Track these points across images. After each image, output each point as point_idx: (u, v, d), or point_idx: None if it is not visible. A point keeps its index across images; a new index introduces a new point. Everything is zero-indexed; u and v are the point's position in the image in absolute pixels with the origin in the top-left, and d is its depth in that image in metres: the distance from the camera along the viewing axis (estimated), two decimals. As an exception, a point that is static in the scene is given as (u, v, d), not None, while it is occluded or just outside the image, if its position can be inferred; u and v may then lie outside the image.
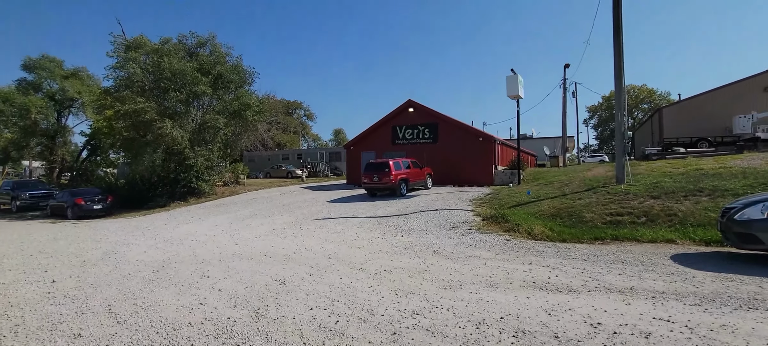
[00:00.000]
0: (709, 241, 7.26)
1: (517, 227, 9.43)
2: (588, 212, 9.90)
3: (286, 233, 10.75)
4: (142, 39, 21.92)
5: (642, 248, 7.28)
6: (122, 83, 20.80)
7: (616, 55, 12.45)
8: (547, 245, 7.98)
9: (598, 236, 8.28)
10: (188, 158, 20.87)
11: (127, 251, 9.46)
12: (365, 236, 9.66)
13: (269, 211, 15.11)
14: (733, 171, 11.18)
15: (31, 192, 22.87)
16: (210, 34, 23.52)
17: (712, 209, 8.52)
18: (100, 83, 30.29)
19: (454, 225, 10.38)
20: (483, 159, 20.85)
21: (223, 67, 22.91)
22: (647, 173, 13.15)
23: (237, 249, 8.92)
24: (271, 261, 7.53)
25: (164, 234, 11.78)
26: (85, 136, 34.35)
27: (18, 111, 29.42)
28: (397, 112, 23.81)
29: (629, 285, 5.13)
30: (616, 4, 12.37)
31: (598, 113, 70.83)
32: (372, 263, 7.00)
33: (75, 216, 18.01)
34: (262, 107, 25.60)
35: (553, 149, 35.12)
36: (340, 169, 36.17)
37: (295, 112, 66.85)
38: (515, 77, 16.40)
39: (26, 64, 31.31)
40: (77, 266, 8.00)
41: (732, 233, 6.08)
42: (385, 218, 12.03)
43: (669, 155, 19.57)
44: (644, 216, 9.02)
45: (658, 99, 60.70)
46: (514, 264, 6.53)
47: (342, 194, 19.40)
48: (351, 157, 25.47)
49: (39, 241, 11.68)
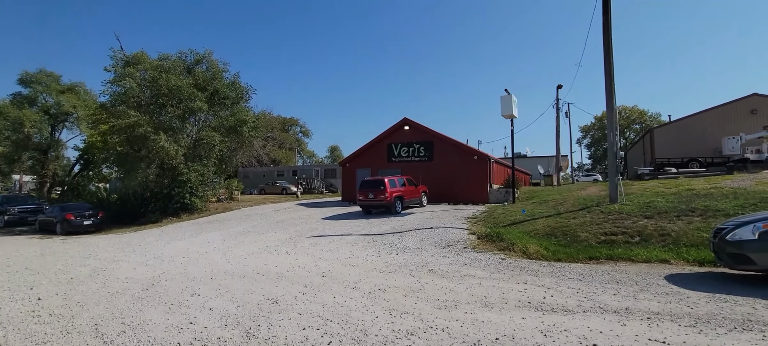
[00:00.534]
0: (703, 261, 7.28)
1: (512, 245, 9.41)
2: (582, 231, 9.92)
3: (279, 250, 10.62)
4: (141, 55, 22.06)
5: (637, 268, 7.28)
6: (118, 98, 20.82)
7: (607, 77, 12.74)
8: (542, 264, 7.96)
9: (592, 256, 8.27)
10: (182, 174, 20.73)
11: (116, 268, 9.27)
12: (360, 254, 9.58)
13: (263, 228, 14.96)
14: (723, 192, 11.33)
15: (19, 207, 22.49)
16: (207, 51, 23.77)
17: (704, 229, 8.59)
18: (96, 98, 30.29)
19: (449, 243, 10.33)
20: (478, 177, 20.95)
21: (220, 84, 23.06)
22: (640, 192, 13.28)
23: (229, 267, 8.78)
24: (263, 279, 7.42)
25: (155, 251, 11.58)
26: (78, 151, 34.13)
27: (11, 125, 29.23)
28: (393, 130, 23.99)
29: (624, 306, 5.11)
30: (606, 28, 12.74)
31: (591, 133, 71.92)
32: (366, 282, 6.92)
33: (64, 232, 17.69)
34: (259, 123, 25.66)
35: (547, 168, 35.40)
36: (336, 186, 36.11)
37: (291, 128, 67.10)
38: (509, 97, 16.66)
39: (23, 78, 31.30)
40: (64, 283, 7.81)
41: (724, 253, 6.12)
42: (380, 235, 11.96)
43: (661, 175, 19.81)
44: (638, 236, 9.06)
45: (649, 120, 61.88)
46: (509, 284, 6.49)
47: (337, 211, 19.30)
48: (346, 174, 25.47)
49: (26, 257, 11.42)
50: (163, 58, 22.50)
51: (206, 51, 23.71)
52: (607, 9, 12.76)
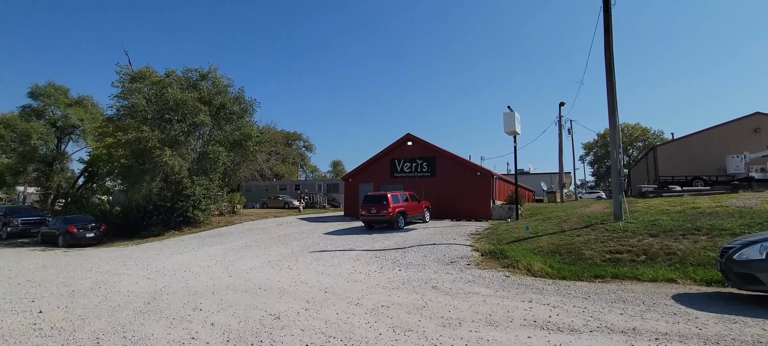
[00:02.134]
0: (710, 281, 7.18)
1: (516, 263, 9.33)
2: (587, 249, 9.84)
3: (281, 265, 10.56)
4: (147, 70, 22.43)
5: (643, 287, 7.18)
6: (125, 112, 21.09)
7: (610, 95, 12.82)
8: (546, 282, 7.87)
9: (598, 274, 8.18)
10: (186, 188, 20.81)
11: (117, 281, 9.23)
12: (362, 270, 9.51)
13: (265, 242, 14.91)
14: (729, 210, 11.24)
15: (23, 218, 22.55)
16: (211, 66, 24.12)
17: (710, 248, 8.50)
18: (103, 112, 30.66)
19: (452, 260, 10.25)
20: (481, 193, 20.90)
21: (225, 98, 23.34)
22: (645, 210, 13.19)
23: (231, 281, 8.73)
24: (265, 294, 7.36)
25: (157, 264, 11.55)
26: (83, 163, 34.36)
27: (18, 137, 29.55)
28: (396, 146, 24.09)
29: (632, 325, 5.03)
30: (608, 47, 12.89)
31: (594, 150, 71.85)
32: (369, 298, 6.85)
33: (66, 244, 17.68)
34: (263, 138, 25.85)
35: (551, 185, 35.31)
36: (338, 200, 36.05)
37: (295, 143, 67.43)
38: (512, 114, 16.74)
39: (33, 91, 31.77)
40: (66, 296, 7.78)
41: (732, 273, 6.04)
42: (383, 251, 11.89)
43: (665, 193, 19.70)
44: (644, 254, 8.97)
45: (652, 137, 61.86)
46: (514, 302, 6.41)
47: (339, 226, 19.24)
48: (349, 188, 25.48)
49: (28, 269, 11.40)
50: (169, 74, 22.88)
51: (211, 66, 24.11)
52: (608, 28, 12.94)
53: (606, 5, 12.92)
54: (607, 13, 12.93)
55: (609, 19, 12.94)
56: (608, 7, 12.91)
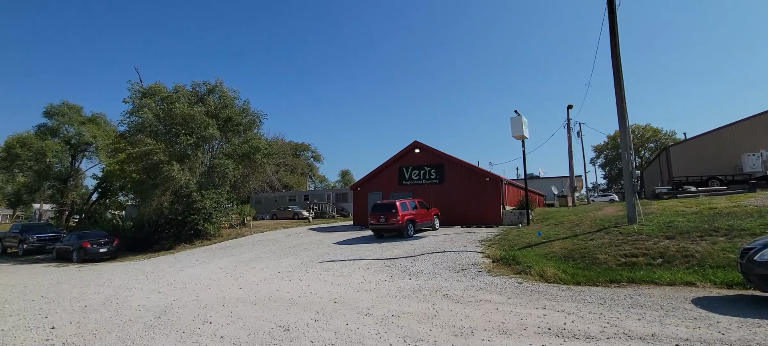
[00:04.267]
0: (731, 283, 6.94)
1: (528, 269, 9.15)
2: (601, 253, 9.61)
3: (291, 276, 10.54)
4: (157, 86, 22.91)
5: (661, 291, 6.97)
6: (136, 128, 21.50)
7: (618, 97, 12.65)
8: (560, 288, 7.69)
9: (613, 279, 7.98)
10: (196, 201, 21.03)
11: (129, 295, 9.30)
12: (372, 279, 9.43)
13: (275, 253, 14.92)
14: (747, 210, 10.92)
15: (38, 235, 22.97)
16: (218, 80, 24.55)
17: (730, 249, 8.24)
18: (115, 128, 31.35)
19: (463, 267, 10.11)
20: (491, 199, 20.69)
21: (232, 111, 23.65)
22: (659, 212, 12.89)
23: (241, 293, 8.73)
24: (275, 306, 7.33)
25: (168, 278, 11.62)
26: (96, 179, 35.05)
27: (34, 155, 30.30)
28: (404, 153, 24.06)
29: (650, 331, 4.86)
30: (614, 50, 12.75)
31: (605, 153, 70.82)
32: (379, 308, 6.77)
33: (80, 259, 17.93)
34: (272, 150, 26.07)
35: (561, 189, 34.81)
36: (347, 210, 36.04)
37: (303, 153, 67.86)
38: (519, 118, 16.61)
39: (48, 110, 32.68)
40: (78, 311, 7.85)
41: (754, 275, 5.82)
42: (393, 259, 11.79)
43: (680, 194, 19.25)
44: (660, 257, 8.73)
45: (664, 138, 60.81)
46: (527, 309, 6.26)
47: (348, 235, 19.19)
48: (358, 198, 25.45)
49: (42, 285, 11.56)
50: (177, 89, 23.31)
51: (217, 80, 24.53)
52: (613, 31, 12.81)
53: (611, 7, 12.82)
54: (613, 15, 12.82)
55: (614, 21, 12.83)
56: (613, 9, 12.81)
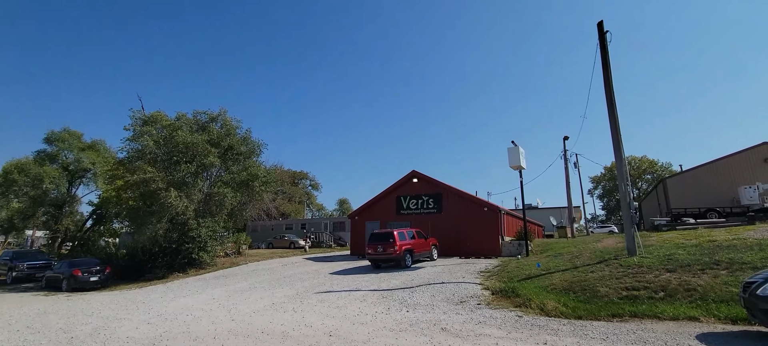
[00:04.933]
0: (736, 318, 6.78)
1: (528, 302, 8.96)
2: (602, 285, 9.45)
3: (286, 307, 10.26)
4: (159, 114, 23.16)
5: (664, 326, 6.80)
6: (135, 155, 21.56)
7: (613, 129, 12.85)
8: (561, 321, 7.51)
9: (615, 313, 7.80)
10: (192, 229, 20.78)
11: (118, 326, 9.00)
12: (369, 311, 9.19)
13: (269, 283, 14.61)
14: (748, 243, 10.86)
15: (28, 262, 22.49)
16: (221, 110, 24.84)
17: (732, 283, 8.12)
18: (115, 155, 31.46)
19: (462, 299, 9.89)
20: (489, 230, 20.54)
21: (233, 139, 23.83)
22: (659, 244, 12.80)
23: (233, 325, 8.47)
24: (268, 339, 7.10)
25: (159, 308, 11.30)
26: (92, 206, 34.72)
27: (31, 181, 30.13)
28: (402, 183, 24.08)
29: (656, 369, 4.71)
30: (607, 83, 13.08)
31: (602, 183, 71.17)
32: (375, 342, 6.56)
33: (70, 288, 17.47)
34: (270, 178, 26.06)
35: (560, 219, 34.67)
36: (344, 239, 35.64)
37: (301, 182, 67.88)
38: (516, 149, 16.78)
39: (48, 137, 32.82)
40: (64, 343, 7.57)
41: (758, 309, 5.71)
42: (390, 291, 11.55)
43: (679, 226, 19.20)
44: (662, 291, 8.58)
45: (660, 169, 61.34)
46: (527, 344, 6.09)
47: (345, 265, 18.88)
48: (355, 227, 25.24)
49: (28, 315, 11.21)
50: (179, 117, 23.57)
51: (221, 109, 24.84)
52: (606, 65, 13.19)
53: (602, 43, 13.27)
54: (604, 50, 13.25)
55: (606, 55, 13.23)
56: (604, 44, 13.24)
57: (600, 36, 13.32)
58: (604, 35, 13.25)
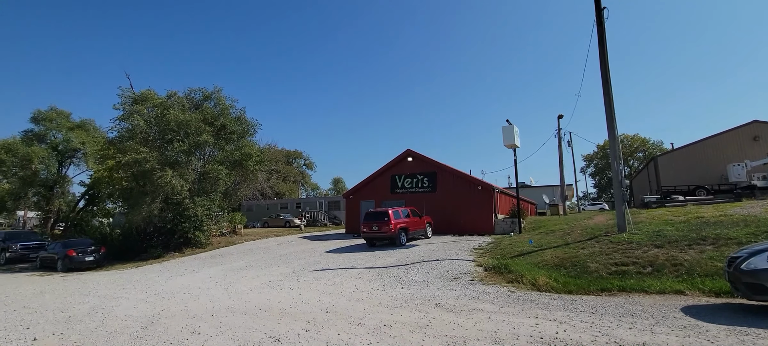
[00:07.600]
0: (720, 292, 7.03)
1: (520, 277, 9.17)
2: (592, 261, 9.69)
3: (282, 285, 10.40)
4: (149, 93, 22.66)
5: (651, 300, 7.03)
6: (126, 134, 21.20)
7: (607, 108, 12.87)
8: (552, 296, 7.71)
9: (604, 287, 8.03)
10: (188, 208, 20.71)
11: (115, 305, 9.08)
12: (364, 288, 9.35)
13: (266, 262, 14.75)
14: (734, 219, 11.12)
15: (22, 243, 22.39)
16: (216, 88, 24.38)
17: (717, 258, 8.36)
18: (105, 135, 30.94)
19: (455, 276, 10.09)
20: (483, 208, 20.77)
21: (227, 119, 23.49)
22: (648, 221, 13.06)
23: (231, 303, 8.58)
24: (266, 316, 7.21)
25: (156, 287, 11.38)
26: (83, 186, 34.37)
27: (19, 161, 29.62)
28: (396, 162, 24.09)
29: (641, 340, 4.89)
30: (603, 60, 13.00)
31: (595, 162, 71.88)
32: (371, 318, 6.70)
33: (65, 268, 17.50)
34: (263, 157, 25.90)
35: (552, 197, 35.14)
36: (339, 218, 35.87)
37: (295, 161, 67.58)
38: (511, 127, 16.79)
39: (35, 116, 32.08)
40: (62, 322, 7.63)
41: (741, 283, 5.91)
42: (385, 268, 11.73)
43: (668, 203, 19.58)
44: (650, 266, 8.82)
45: (652, 148, 61.98)
46: (519, 318, 6.26)
47: (340, 243, 19.07)
48: (350, 206, 25.36)
49: (24, 295, 11.24)
50: (170, 95, 23.09)
51: (215, 88, 24.39)
52: (602, 41, 13.08)
53: (599, 19, 13.11)
54: (601, 26, 13.10)
55: (603, 32, 13.10)
56: (601, 20, 13.09)
57: (597, 12, 13.15)
58: (601, 11, 13.08)
